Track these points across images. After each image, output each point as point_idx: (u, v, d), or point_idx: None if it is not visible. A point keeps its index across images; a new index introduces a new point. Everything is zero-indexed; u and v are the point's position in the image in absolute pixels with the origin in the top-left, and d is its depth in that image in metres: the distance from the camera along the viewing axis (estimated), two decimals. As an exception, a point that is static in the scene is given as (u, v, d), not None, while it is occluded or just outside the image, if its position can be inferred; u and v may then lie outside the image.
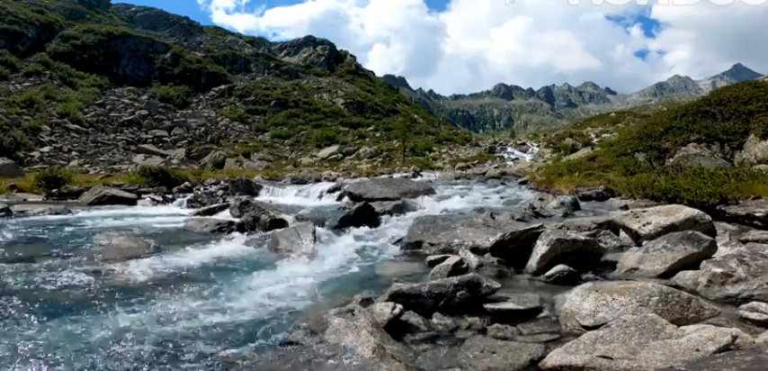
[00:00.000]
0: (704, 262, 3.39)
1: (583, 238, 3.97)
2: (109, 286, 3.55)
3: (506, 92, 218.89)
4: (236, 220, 6.66)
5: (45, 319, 2.80)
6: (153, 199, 10.37)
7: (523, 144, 34.91)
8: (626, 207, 6.75)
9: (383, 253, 4.94)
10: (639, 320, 2.32)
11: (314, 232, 5.34)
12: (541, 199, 8.01)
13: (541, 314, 2.88)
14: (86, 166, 23.44)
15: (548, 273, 3.61)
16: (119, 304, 3.11)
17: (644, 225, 4.43)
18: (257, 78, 51.19)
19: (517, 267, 3.95)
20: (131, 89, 40.26)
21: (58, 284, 3.57)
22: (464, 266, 3.89)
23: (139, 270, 4.02)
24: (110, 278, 3.77)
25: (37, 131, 26.00)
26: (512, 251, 4.07)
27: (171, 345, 2.47)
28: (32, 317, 2.83)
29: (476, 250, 4.39)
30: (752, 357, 1.80)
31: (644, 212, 4.72)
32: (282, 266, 4.31)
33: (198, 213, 7.76)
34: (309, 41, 68.31)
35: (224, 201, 9.09)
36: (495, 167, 21.22)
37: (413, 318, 2.81)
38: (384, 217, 6.74)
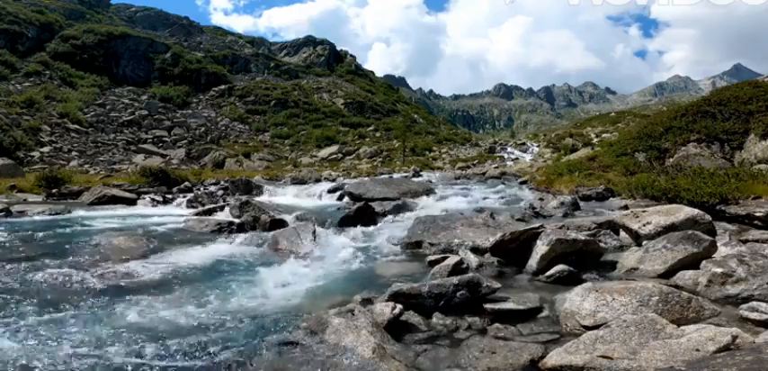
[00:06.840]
0: (704, 262, 3.39)
1: (583, 238, 3.97)
2: (108, 286, 3.55)
3: (506, 92, 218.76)
4: (236, 220, 6.66)
5: (44, 319, 2.80)
6: (153, 199, 10.35)
7: (523, 144, 34.93)
8: (626, 207, 6.74)
9: (383, 253, 4.94)
10: (639, 320, 2.32)
11: (314, 232, 5.34)
12: (541, 199, 8.01)
13: (541, 314, 2.88)
14: (86, 166, 23.43)
15: (548, 273, 3.61)
16: (118, 304, 3.11)
17: (644, 225, 4.43)
18: (257, 78, 51.15)
19: (517, 267, 3.95)
20: (131, 89, 40.25)
21: (58, 284, 3.57)
22: (464, 266, 3.89)
23: (139, 270, 4.01)
24: (109, 278, 3.76)
25: (37, 131, 25.99)
26: (512, 251, 4.07)
27: (170, 345, 2.46)
28: (31, 317, 2.83)
29: (476, 250, 4.39)
30: (752, 357, 1.80)
31: (644, 212, 4.71)
32: (282, 267, 4.30)
33: (198, 213, 7.74)
34: (309, 41, 68.28)
35: (224, 201, 9.06)
36: (495, 167, 21.21)
37: (413, 318, 2.81)
38: (384, 217, 6.74)
